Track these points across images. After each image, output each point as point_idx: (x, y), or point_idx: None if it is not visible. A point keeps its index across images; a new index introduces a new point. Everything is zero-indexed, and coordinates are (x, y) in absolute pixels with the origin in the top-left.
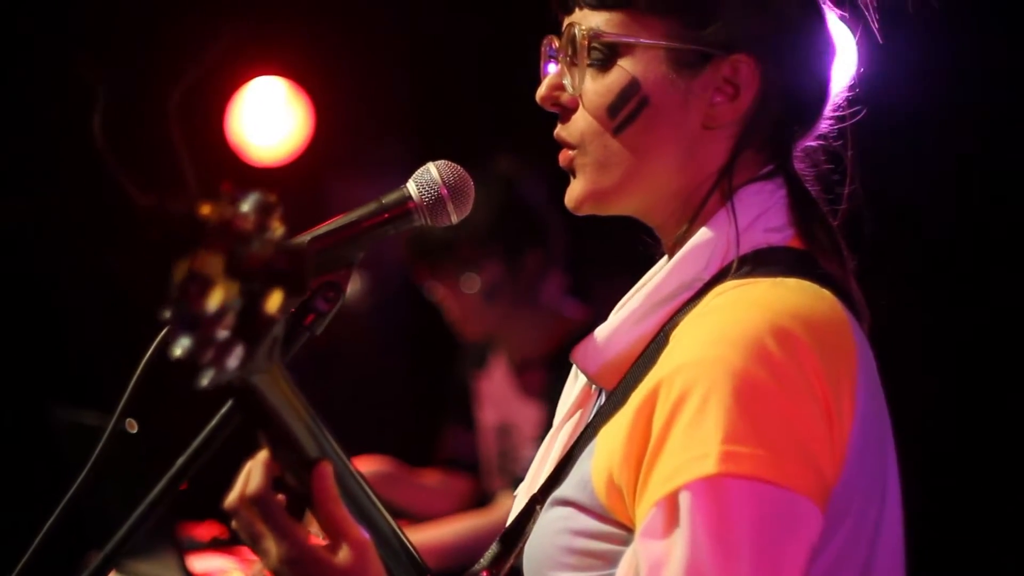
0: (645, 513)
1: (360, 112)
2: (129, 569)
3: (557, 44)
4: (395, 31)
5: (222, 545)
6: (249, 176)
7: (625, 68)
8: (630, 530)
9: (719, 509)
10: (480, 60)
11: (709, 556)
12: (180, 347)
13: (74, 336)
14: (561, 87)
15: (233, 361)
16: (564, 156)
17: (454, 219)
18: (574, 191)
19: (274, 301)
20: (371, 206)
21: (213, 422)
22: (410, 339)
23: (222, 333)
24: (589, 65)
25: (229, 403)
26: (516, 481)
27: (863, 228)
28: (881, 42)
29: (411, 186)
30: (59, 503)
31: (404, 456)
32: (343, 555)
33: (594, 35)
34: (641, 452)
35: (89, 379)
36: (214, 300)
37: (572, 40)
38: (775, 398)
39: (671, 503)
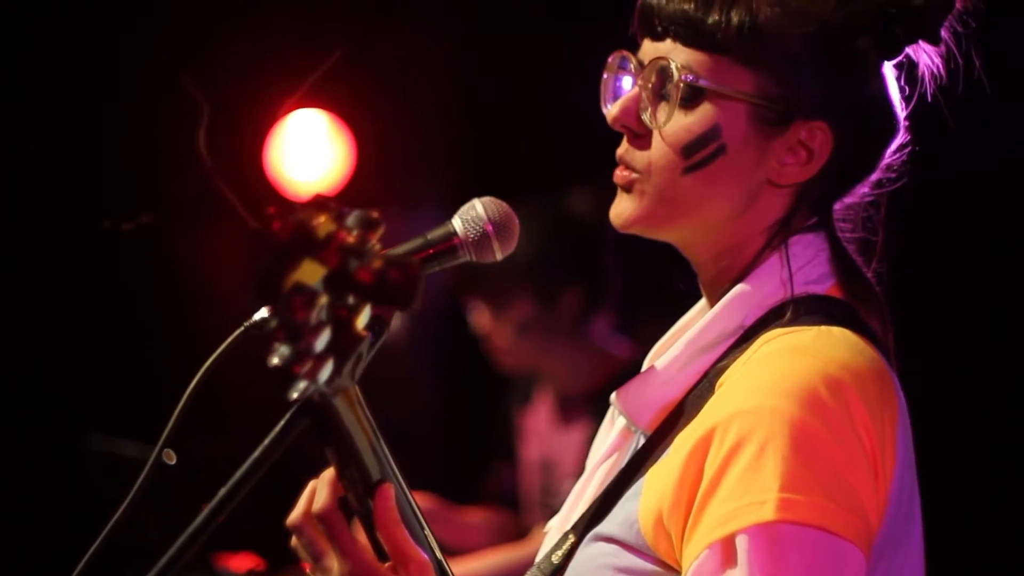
0: (696, 554)
1: (403, 147)
2: None
3: (633, 63)
4: (439, 64)
5: None
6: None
7: (709, 112)
8: (674, 570)
9: (776, 554)
10: (525, 96)
11: None
12: (279, 356)
13: (109, 365)
14: (636, 112)
15: (323, 375)
16: (622, 175)
17: (499, 256)
18: (626, 210)
19: (363, 318)
20: (416, 242)
21: (255, 454)
22: (453, 375)
23: (319, 345)
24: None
25: (272, 434)
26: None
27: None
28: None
29: (456, 222)
30: (97, 534)
31: (447, 493)
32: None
33: (690, 76)
34: (692, 494)
35: (124, 409)
36: (318, 311)
37: (662, 73)
38: (829, 448)
39: (727, 546)
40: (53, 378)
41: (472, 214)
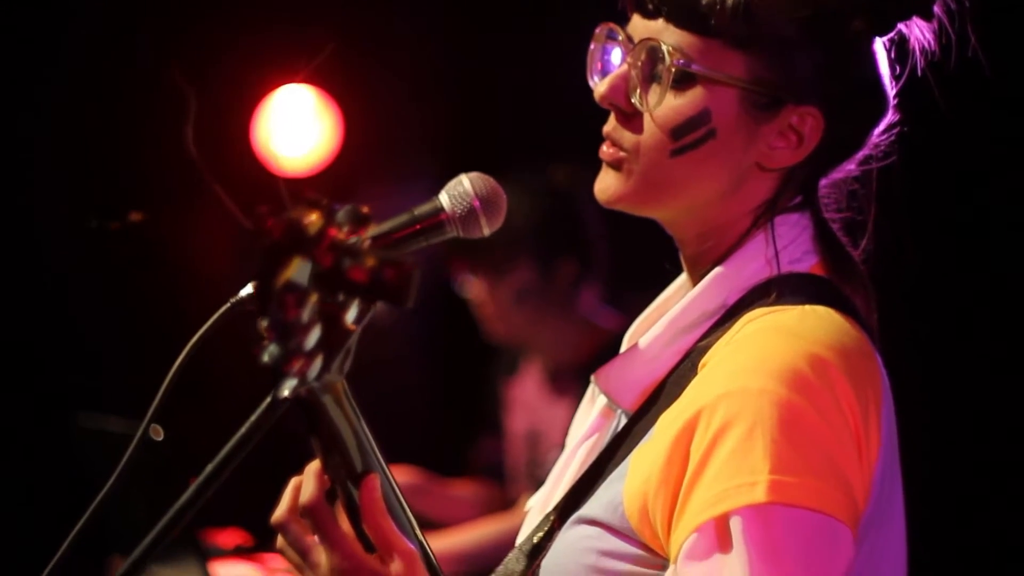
0: (684, 537)
1: (390, 122)
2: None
3: (622, 36)
4: (426, 39)
5: (245, 552)
6: (275, 187)
7: (699, 96)
8: (656, 554)
9: (772, 536)
10: (514, 70)
11: None
12: (268, 355)
13: (97, 342)
14: (625, 91)
15: (313, 372)
16: (609, 152)
17: (486, 231)
18: (611, 187)
19: (352, 313)
20: (403, 217)
21: (242, 429)
22: (438, 348)
23: (309, 343)
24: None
25: (258, 411)
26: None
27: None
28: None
29: (443, 198)
30: (84, 510)
31: (433, 465)
32: (394, 567)
33: (682, 60)
34: (679, 477)
35: (112, 386)
36: (309, 310)
37: (653, 54)
38: (816, 427)
39: (720, 527)
40: (41, 356)
41: (459, 189)
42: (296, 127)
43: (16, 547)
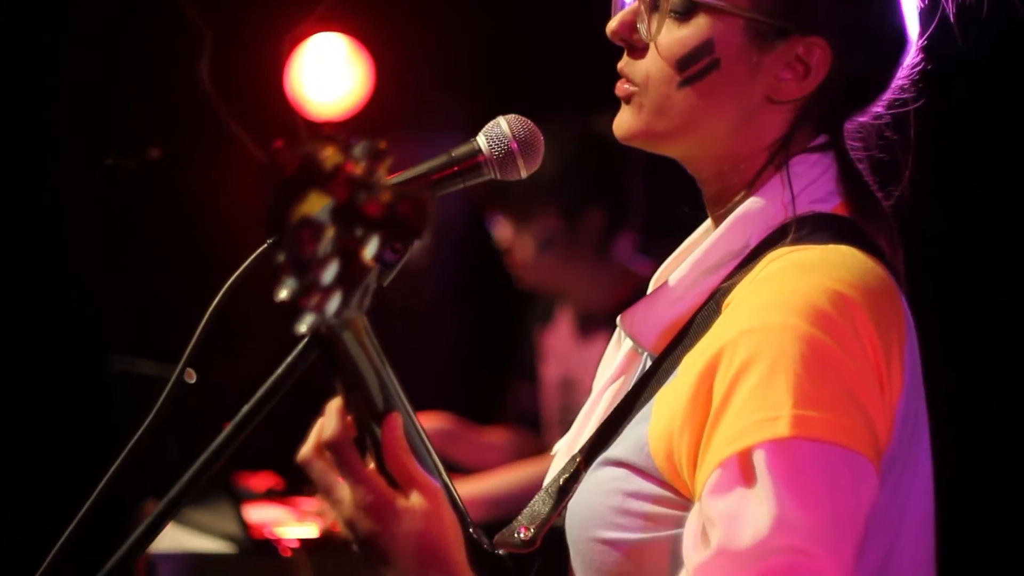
0: (709, 473)
1: (421, 68)
2: (185, 518)
3: None
4: None
5: (278, 496)
6: (308, 132)
7: (703, 26)
8: (681, 494)
9: (794, 469)
10: (546, 14)
11: (794, 510)
12: (287, 289)
13: (132, 286)
14: (634, 25)
15: (332, 307)
16: (623, 88)
17: (523, 174)
18: (626, 122)
19: (371, 248)
20: (441, 159)
21: (276, 373)
22: (473, 294)
23: (326, 278)
24: (669, 15)
25: (292, 354)
26: None
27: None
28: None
29: (481, 140)
30: (118, 453)
31: (467, 413)
32: (417, 501)
33: None
34: (704, 416)
35: (147, 329)
36: (325, 244)
37: None
38: (839, 362)
39: (744, 461)
40: (75, 301)
41: (497, 131)
42: (329, 75)
43: (50, 489)
